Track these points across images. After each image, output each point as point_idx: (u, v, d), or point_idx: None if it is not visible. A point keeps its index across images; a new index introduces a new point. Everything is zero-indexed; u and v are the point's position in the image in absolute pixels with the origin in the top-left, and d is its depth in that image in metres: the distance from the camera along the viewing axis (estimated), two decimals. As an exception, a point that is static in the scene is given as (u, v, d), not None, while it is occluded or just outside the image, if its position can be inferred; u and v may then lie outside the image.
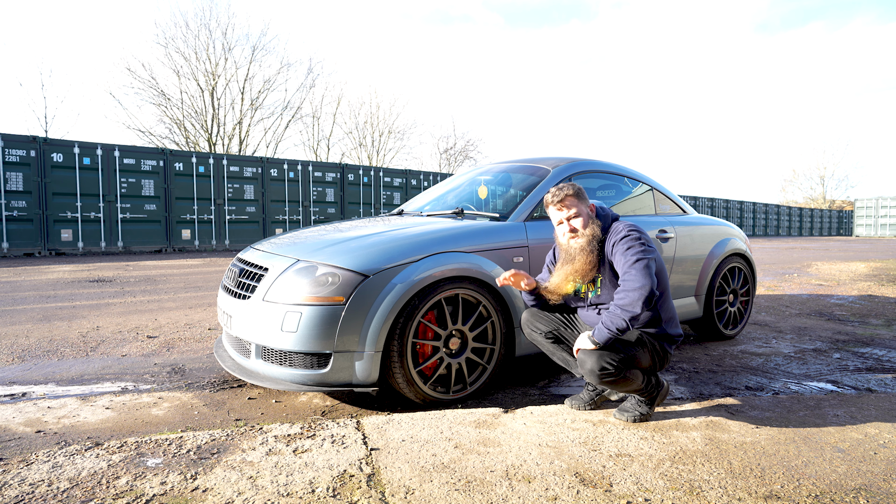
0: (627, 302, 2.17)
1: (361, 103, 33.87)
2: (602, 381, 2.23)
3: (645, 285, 2.16)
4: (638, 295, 2.15)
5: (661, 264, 2.41)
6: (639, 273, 2.19)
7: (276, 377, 2.53)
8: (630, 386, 2.31)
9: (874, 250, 18.83)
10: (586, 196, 2.44)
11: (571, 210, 2.39)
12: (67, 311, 5.04)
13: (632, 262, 2.23)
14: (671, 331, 2.41)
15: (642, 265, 2.21)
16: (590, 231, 2.36)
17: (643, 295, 2.15)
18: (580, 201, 2.40)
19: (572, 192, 2.40)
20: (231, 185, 14.19)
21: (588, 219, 2.39)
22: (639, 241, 2.29)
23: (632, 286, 2.18)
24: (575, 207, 2.39)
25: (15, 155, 11.20)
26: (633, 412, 2.40)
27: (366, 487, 1.78)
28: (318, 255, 2.62)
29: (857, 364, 3.53)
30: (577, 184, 2.46)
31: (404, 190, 18.00)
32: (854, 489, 1.82)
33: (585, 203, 2.43)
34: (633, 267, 2.22)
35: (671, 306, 2.45)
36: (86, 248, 12.11)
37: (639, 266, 2.21)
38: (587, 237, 2.36)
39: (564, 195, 2.39)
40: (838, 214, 49.02)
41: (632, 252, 2.25)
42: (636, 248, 2.26)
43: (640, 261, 2.22)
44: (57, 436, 2.25)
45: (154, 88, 22.73)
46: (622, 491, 1.78)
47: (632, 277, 2.20)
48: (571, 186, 2.42)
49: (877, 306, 5.99)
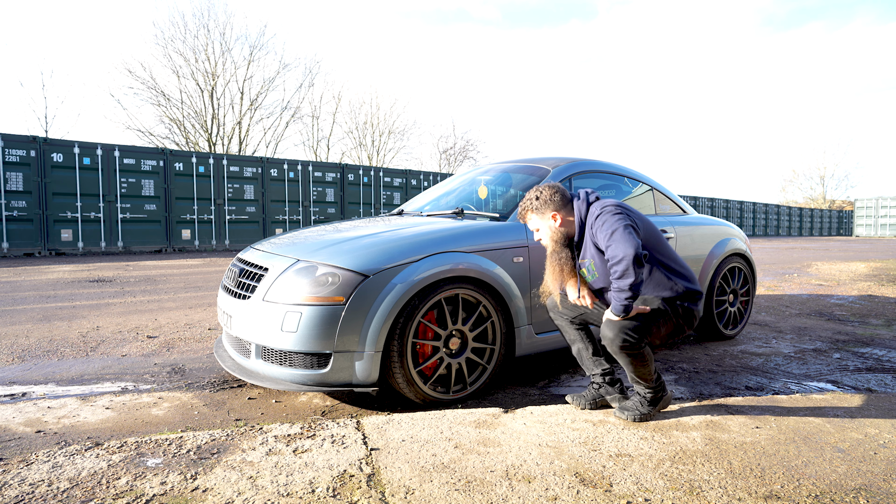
0: (618, 273, 2.20)
1: (361, 103, 33.90)
2: (622, 351, 2.28)
3: (627, 252, 2.17)
4: (624, 264, 2.18)
5: (650, 226, 2.44)
6: (618, 242, 2.22)
7: (276, 377, 2.53)
8: (643, 369, 2.33)
9: (874, 250, 18.83)
10: (555, 198, 2.46)
11: (532, 223, 2.53)
12: (67, 311, 5.04)
13: (609, 234, 2.26)
14: (690, 286, 2.42)
15: (619, 234, 2.23)
16: (551, 240, 2.46)
17: (629, 261, 2.17)
18: (541, 212, 2.48)
19: (530, 207, 2.50)
20: (231, 185, 14.19)
21: (549, 229, 2.47)
22: (612, 213, 2.31)
23: (616, 257, 2.21)
24: (533, 221, 2.51)
25: (15, 155, 11.20)
26: (634, 412, 2.40)
27: (366, 487, 1.78)
28: (318, 255, 2.62)
29: (857, 364, 3.53)
30: (543, 190, 2.49)
31: (404, 190, 18.00)
32: (854, 489, 1.82)
33: (549, 208, 2.46)
34: (611, 239, 2.25)
35: (681, 265, 2.46)
36: (86, 248, 12.11)
37: (616, 236, 2.23)
38: (550, 246, 2.48)
39: (522, 210, 2.53)
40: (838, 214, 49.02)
41: (607, 226, 2.28)
42: (609, 220, 2.29)
43: (616, 231, 2.24)
44: (57, 436, 2.25)
45: (154, 89, 22.76)
46: (622, 491, 1.78)
47: (613, 250, 2.23)
48: (530, 200, 2.50)
49: (877, 306, 5.99)
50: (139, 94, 23.34)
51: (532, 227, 2.55)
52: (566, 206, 2.47)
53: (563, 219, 2.46)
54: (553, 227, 2.46)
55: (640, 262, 2.19)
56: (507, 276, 2.82)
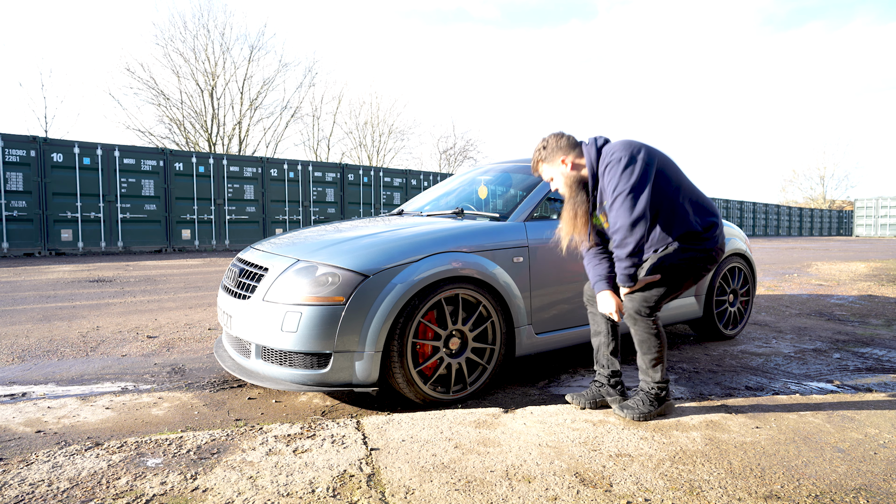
0: (616, 242, 2.21)
1: (361, 103, 33.87)
2: (637, 322, 2.33)
3: (624, 222, 2.17)
4: (622, 233, 2.18)
5: (666, 161, 2.36)
6: (617, 209, 2.20)
7: (276, 377, 2.53)
8: (656, 353, 2.35)
9: (874, 250, 18.83)
10: (561, 143, 2.45)
11: (545, 174, 2.52)
12: (67, 311, 5.04)
13: (612, 197, 2.23)
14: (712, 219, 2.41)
15: (620, 201, 2.20)
16: (565, 185, 2.44)
17: (625, 230, 2.17)
18: (550, 160, 2.46)
19: (539, 157, 2.49)
20: (231, 185, 14.20)
21: (561, 175, 2.45)
22: (620, 167, 2.24)
23: (615, 225, 2.21)
24: (546, 171, 2.51)
25: (15, 155, 11.20)
26: (635, 410, 2.39)
27: (366, 487, 1.78)
28: (318, 255, 2.62)
29: (857, 364, 3.53)
30: (549, 138, 2.48)
31: (404, 190, 18.00)
32: (854, 489, 1.82)
33: (557, 154, 2.44)
34: (612, 205, 2.22)
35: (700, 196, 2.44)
36: (86, 248, 12.11)
37: (617, 203, 2.20)
38: (565, 192, 2.46)
39: (534, 162, 2.53)
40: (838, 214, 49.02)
41: (611, 186, 2.25)
42: (614, 179, 2.24)
43: (618, 196, 2.20)
44: (57, 436, 2.25)
45: (153, 89, 22.76)
46: (622, 491, 1.78)
47: (613, 216, 2.22)
48: (538, 151, 2.50)
49: (877, 306, 5.99)
50: (139, 94, 23.39)
51: (546, 177, 2.53)
52: (574, 150, 2.44)
53: (572, 162, 2.42)
54: (565, 172, 2.43)
55: (638, 226, 2.17)
56: (507, 276, 2.82)
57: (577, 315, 3.19)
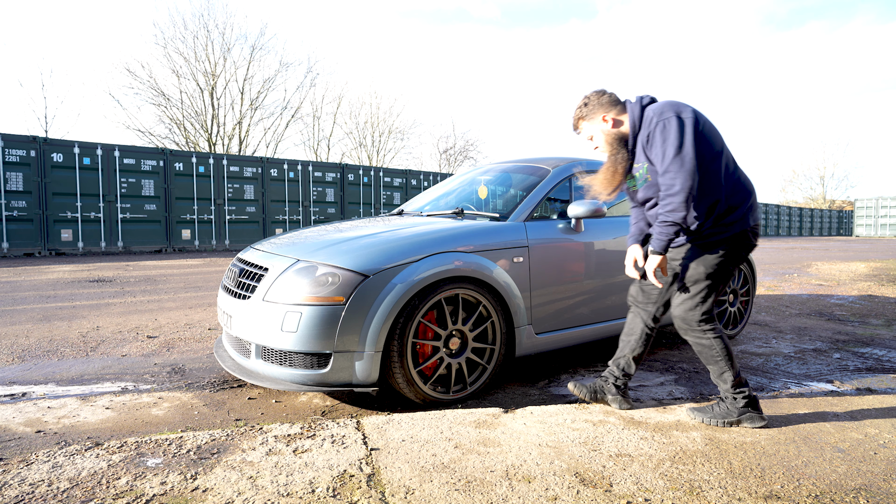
0: (671, 206, 2.12)
1: (362, 103, 33.84)
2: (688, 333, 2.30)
3: (685, 185, 2.08)
4: (680, 198, 2.09)
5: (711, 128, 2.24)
6: (677, 172, 2.10)
7: (276, 377, 2.53)
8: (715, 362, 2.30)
9: (874, 250, 18.83)
10: (603, 100, 2.37)
11: (585, 132, 2.43)
12: (67, 311, 5.04)
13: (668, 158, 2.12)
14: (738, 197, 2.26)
15: (678, 162, 2.10)
16: (606, 143, 2.37)
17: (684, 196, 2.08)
18: (590, 118, 2.39)
19: (580, 115, 2.41)
20: (231, 185, 14.20)
21: (602, 133, 2.37)
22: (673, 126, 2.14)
23: (673, 189, 2.11)
24: (586, 129, 2.42)
25: (15, 155, 11.20)
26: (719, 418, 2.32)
27: (366, 487, 1.78)
28: (318, 255, 2.62)
29: (857, 364, 3.53)
30: (590, 95, 2.40)
31: (404, 190, 18.00)
32: (854, 489, 1.82)
33: (598, 111, 2.36)
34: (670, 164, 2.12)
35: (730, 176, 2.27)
36: (86, 248, 12.11)
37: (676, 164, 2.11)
38: (606, 150, 2.38)
39: (575, 120, 2.45)
40: (838, 214, 49.02)
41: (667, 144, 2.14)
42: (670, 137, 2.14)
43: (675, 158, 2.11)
44: (57, 436, 2.25)
45: (153, 89, 22.76)
46: (622, 491, 1.78)
47: (670, 178, 2.11)
48: (579, 108, 2.42)
49: (877, 306, 5.99)
50: (139, 94, 23.37)
51: (586, 136, 2.43)
52: (616, 107, 2.36)
53: (613, 119, 2.35)
54: (605, 129, 2.36)
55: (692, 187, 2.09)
56: (507, 275, 2.82)
57: (577, 315, 3.19)
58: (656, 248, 2.21)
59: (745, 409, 2.32)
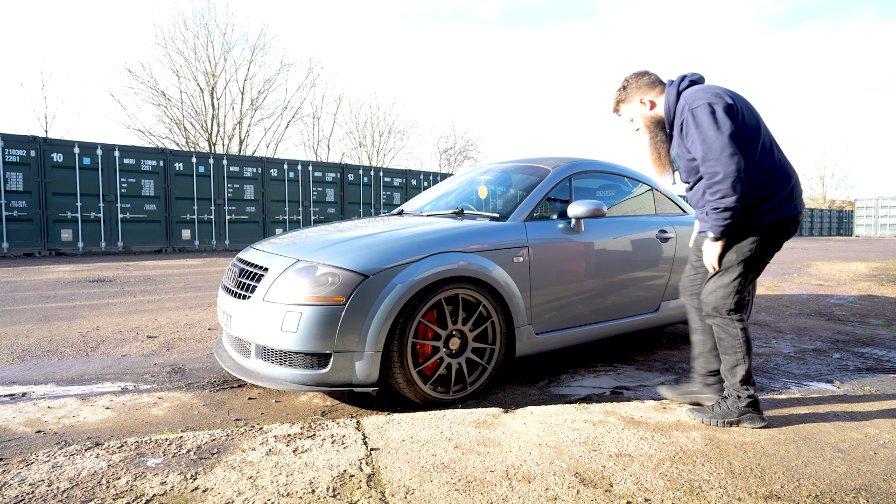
0: (719, 194, 2.10)
1: (361, 103, 33.88)
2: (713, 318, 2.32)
3: (728, 170, 2.06)
4: (727, 185, 2.07)
5: (751, 112, 2.22)
6: (717, 159, 2.07)
7: (276, 377, 2.53)
8: (731, 354, 2.30)
9: (874, 250, 18.83)
10: (640, 82, 2.41)
11: (624, 115, 2.50)
12: (67, 311, 5.04)
13: (706, 145, 2.10)
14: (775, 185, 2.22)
15: (718, 148, 2.07)
16: (644, 126, 2.42)
17: (731, 181, 2.06)
18: (628, 101, 2.45)
19: (619, 97, 2.48)
20: (231, 185, 14.20)
21: (640, 116, 2.43)
22: (707, 115, 2.12)
23: (716, 176, 2.09)
24: (625, 112, 2.49)
25: (15, 155, 11.20)
26: (719, 418, 2.32)
27: (366, 487, 1.78)
28: (318, 255, 2.62)
29: (857, 364, 3.53)
30: (629, 78, 2.45)
31: (404, 190, 18.01)
32: (854, 489, 1.82)
33: (636, 94, 2.41)
34: (709, 152, 2.10)
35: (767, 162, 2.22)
36: (86, 248, 12.11)
37: (715, 150, 2.07)
38: (646, 133, 2.44)
39: (614, 103, 2.51)
40: (838, 214, 48.99)
41: (701, 131, 2.12)
42: (703, 125, 2.12)
43: (712, 145, 2.09)
44: (57, 436, 2.25)
45: (154, 88, 22.77)
46: (622, 491, 1.78)
47: (712, 166, 2.09)
48: (618, 91, 2.47)
49: (877, 306, 5.99)
50: (139, 94, 23.40)
51: (626, 118, 2.48)
52: (654, 89, 2.38)
53: (651, 101, 2.39)
54: (643, 112, 2.40)
55: (740, 181, 2.07)
56: (507, 275, 2.82)
57: (577, 315, 3.19)
58: (716, 235, 2.20)
59: (746, 409, 2.31)
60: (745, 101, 2.25)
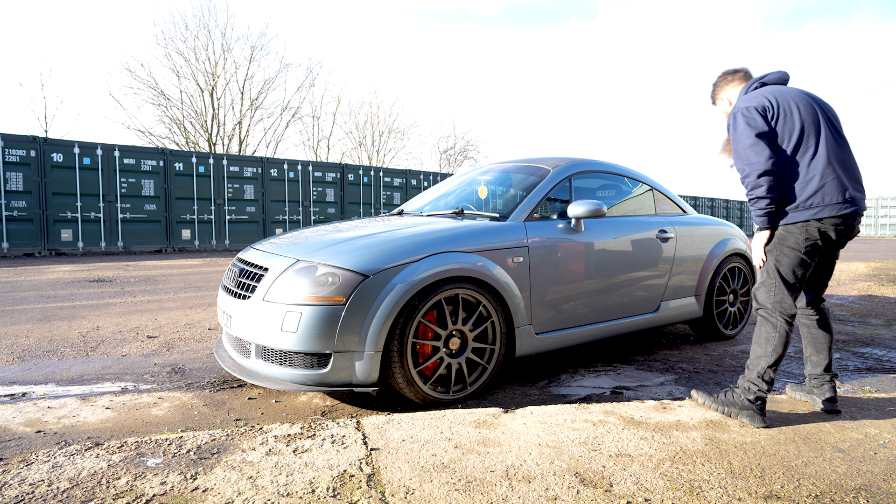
0: (749, 187, 2.30)
1: (361, 103, 33.92)
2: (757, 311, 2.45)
3: (752, 168, 2.26)
4: (751, 180, 2.27)
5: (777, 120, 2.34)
6: (740, 158, 2.32)
7: (276, 377, 2.53)
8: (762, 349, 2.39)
9: (874, 250, 18.83)
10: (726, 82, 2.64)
11: (718, 108, 2.72)
12: (67, 311, 5.04)
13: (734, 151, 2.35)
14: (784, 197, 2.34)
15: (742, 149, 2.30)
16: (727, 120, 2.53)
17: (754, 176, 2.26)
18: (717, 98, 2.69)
19: (712, 92, 2.72)
20: (231, 185, 14.20)
21: (723, 112, 2.67)
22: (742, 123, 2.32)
23: (742, 172, 2.31)
24: (718, 106, 2.72)
25: (15, 155, 11.20)
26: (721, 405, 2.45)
27: (366, 487, 1.78)
28: (318, 255, 2.62)
29: (857, 364, 3.53)
30: (721, 74, 2.67)
31: (404, 190, 18.01)
32: (854, 489, 1.82)
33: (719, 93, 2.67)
34: (735, 155, 2.34)
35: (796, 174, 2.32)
36: (86, 248, 12.11)
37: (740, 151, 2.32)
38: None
39: (711, 96, 2.74)
40: (838, 214, 48.96)
41: (734, 138, 2.36)
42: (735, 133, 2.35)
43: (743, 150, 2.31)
44: (57, 436, 2.25)
45: (154, 89, 22.76)
46: (622, 491, 1.78)
47: (739, 164, 2.33)
48: (712, 85, 2.70)
49: (877, 306, 5.99)
50: (139, 94, 23.39)
51: (720, 111, 2.71)
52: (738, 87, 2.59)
53: (728, 100, 2.63)
54: (725, 108, 2.65)
55: (762, 175, 2.24)
56: (507, 275, 2.82)
57: (577, 315, 3.19)
58: (758, 225, 2.37)
59: (750, 405, 2.34)
60: (790, 111, 2.31)
